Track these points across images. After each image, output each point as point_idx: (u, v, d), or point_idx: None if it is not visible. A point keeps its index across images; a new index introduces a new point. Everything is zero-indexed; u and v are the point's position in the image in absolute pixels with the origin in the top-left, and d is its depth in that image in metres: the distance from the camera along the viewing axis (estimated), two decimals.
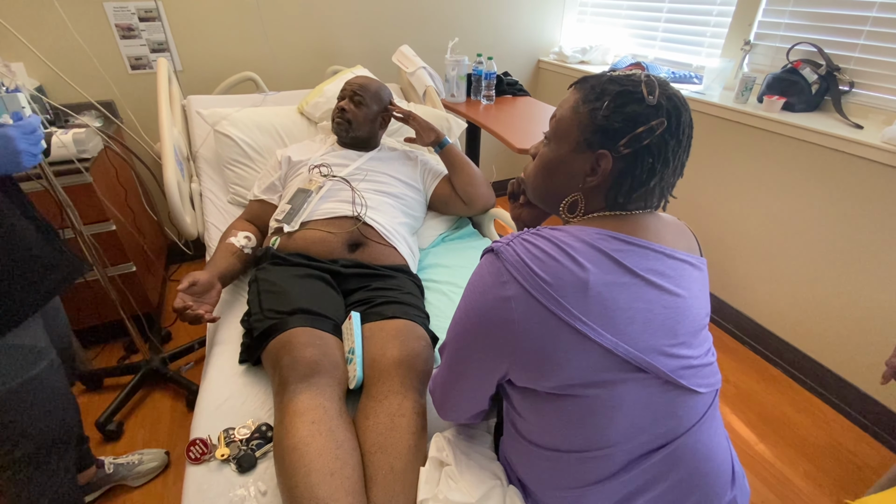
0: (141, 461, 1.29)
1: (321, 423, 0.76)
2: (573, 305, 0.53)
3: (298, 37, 2.02)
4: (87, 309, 1.59)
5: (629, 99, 0.57)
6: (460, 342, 0.63)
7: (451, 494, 0.68)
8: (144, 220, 1.86)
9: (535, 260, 0.55)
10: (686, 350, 0.58)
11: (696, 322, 0.60)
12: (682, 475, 0.59)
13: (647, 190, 0.60)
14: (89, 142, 1.43)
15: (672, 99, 0.58)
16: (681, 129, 0.58)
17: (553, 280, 0.54)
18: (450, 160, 1.40)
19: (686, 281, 0.60)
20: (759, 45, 1.72)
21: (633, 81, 0.58)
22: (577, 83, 0.64)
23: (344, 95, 1.38)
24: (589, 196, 0.63)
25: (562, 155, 0.63)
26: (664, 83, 0.59)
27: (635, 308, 0.55)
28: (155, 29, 1.79)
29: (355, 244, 1.19)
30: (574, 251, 0.55)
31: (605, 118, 0.58)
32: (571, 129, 0.61)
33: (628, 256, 0.57)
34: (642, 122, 0.57)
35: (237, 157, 1.51)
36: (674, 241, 0.63)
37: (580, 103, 0.61)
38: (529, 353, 0.56)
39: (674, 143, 0.58)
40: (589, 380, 0.55)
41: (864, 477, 1.35)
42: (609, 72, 0.62)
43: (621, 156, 0.58)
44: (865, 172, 1.36)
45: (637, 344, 0.55)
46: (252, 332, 0.98)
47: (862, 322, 1.45)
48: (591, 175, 0.61)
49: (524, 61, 2.58)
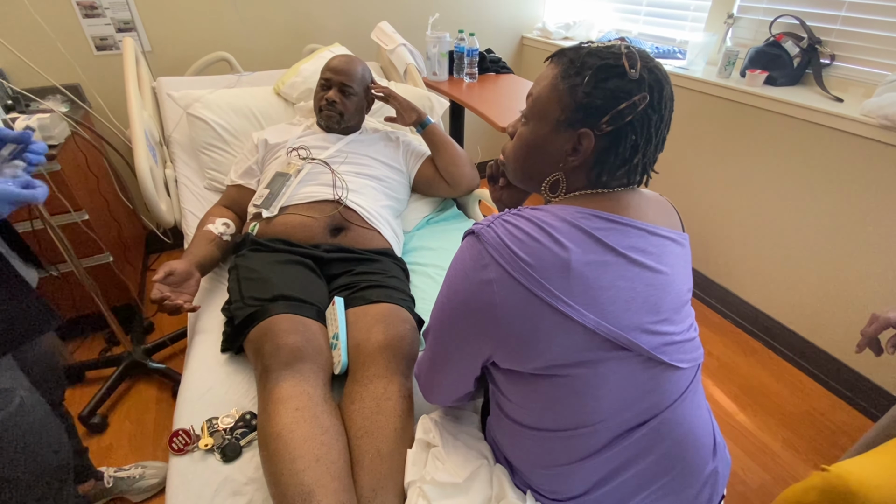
0: (142, 475, 1.23)
1: (305, 410, 0.76)
2: (555, 286, 0.53)
3: (273, 14, 1.95)
4: (64, 301, 1.55)
5: (611, 73, 0.55)
6: (443, 326, 0.63)
7: (438, 475, 0.69)
8: (120, 209, 1.81)
9: (516, 241, 0.55)
10: (668, 326, 0.58)
11: (678, 298, 0.60)
12: (666, 449, 0.60)
13: (629, 167, 0.59)
14: (55, 127, 1.37)
15: (654, 72, 0.56)
16: (662, 102, 0.57)
17: (534, 261, 0.53)
18: (432, 140, 1.38)
19: (668, 257, 0.60)
20: (742, 18, 1.70)
21: (613, 54, 0.56)
22: (554, 56, 0.61)
23: (330, 84, 1.30)
24: (570, 175, 0.61)
25: (541, 134, 0.61)
26: (645, 55, 0.58)
27: (618, 286, 0.55)
28: (120, 7, 1.70)
29: (337, 228, 1.17)
30: (555, 231, 0.55)
31: (586, 95, 0.56)
32: (551, 108, 0.59)
33: (610, 234, 0.56)
34: (624, 97, 0.55)
35: (212, 140, 1.46)
36: (656, 218, 0.63)
37: (559, 79, 0.58)
38: (512, 335, 0.55)
39: (656, 118, 0.57)
40: (572, 360, 0.55)
41: (840, 442, 1.40)
42: (587, 43, 0.60)
43: (603, 133, 0.57)
44: (845, 146, 1.37)
45: (619, 322, 0.54)
46: (233, 321, 0.96)
47: (839, 293, 1.48)
48: (573, 154, 0.59)
49: (507, 38, 2.53)
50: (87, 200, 1.49)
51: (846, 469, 0.76)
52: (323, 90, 1.31)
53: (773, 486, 1.28)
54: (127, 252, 1.79)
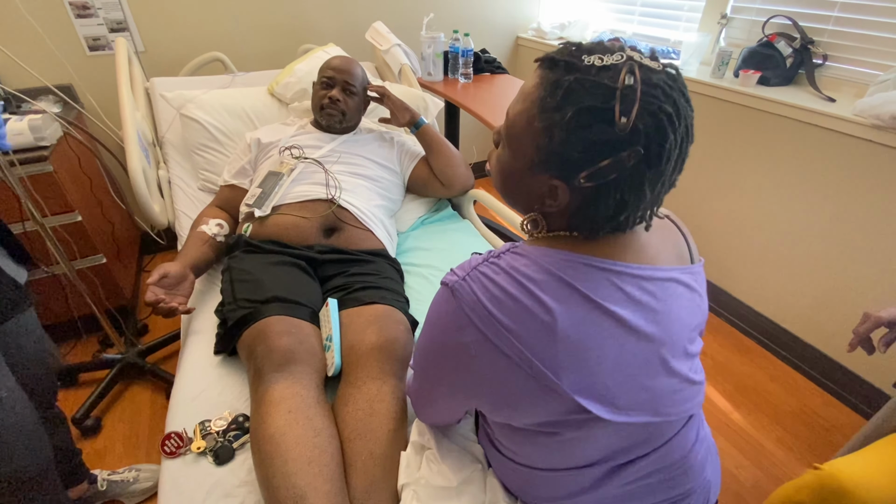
0: (136, 479, 1.22)
1: (298, 412, 0.76)
2: (538, 353, 0.48)
3: (267, 14, 1.94)
4: (57, 303, 1.54)
5: (595, 119, 0.44)
6: (426, 372, 0.61)
7: (432, 479, 0.69)
8: (113, 210, 1.80)
9: (495, 301, 0.49)
10: (662, 380, 0.54)
11: (675, 347, 0.54)
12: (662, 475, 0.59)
13: (616, 222, 0.50)
14: (47, 128, 1.36)
15: (656, 116, 0.44)
16: (664, 156, 0.45)
17: (516, 326, 0.48)
18: (426, 141, 1.38)
19: (671, 300, 0.54)
20: (735, 18, 1.71)
21: (605, 90, 0.44)
22: (543, 65, 0.49)
23: (333, 83, 1.30)
24: (549, 217, 0.54)
25: (516, 168, 0.53)
26: (655, 86, 0.44)
27: (607, 345, 0.50)
28: (112, 7, 1.69)
29: (331, 229, 1.17)
30: (537, 287, 0.49)
31: (561, 142, 0.46)
32: (524, 143, 0.50)
33: (599, 288, 0.50)
34: (607, 153, 0.45)
35: (205, 141, 1.46)
36: (658, 253, 0.55)
37: (536, 110, 0.48)
38: (495, 396, 0.53)
39: (652, 174, 0.46)
40: (560, 419, 0.52)
41: (833, 440, 1.40)
42: (584, 53, 0.46)
43: (581, 188, 0.48)
44: (838, 145, 1.38)
45: (607, 385, 0.50)
46: (226, 322, 0.95)
47: (832, 292, 1.49)
48: (550, 199, 0.51)
49: (502, 38, 2.53)
50: (79, 202, 1.48)
51: (838, 467, 0.77)
52: (325, 89, 1.30)
53: (766, 484, 1.28)
54: (120, 253, 1.78)
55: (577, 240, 0.53)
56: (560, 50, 0.48)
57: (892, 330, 0.80)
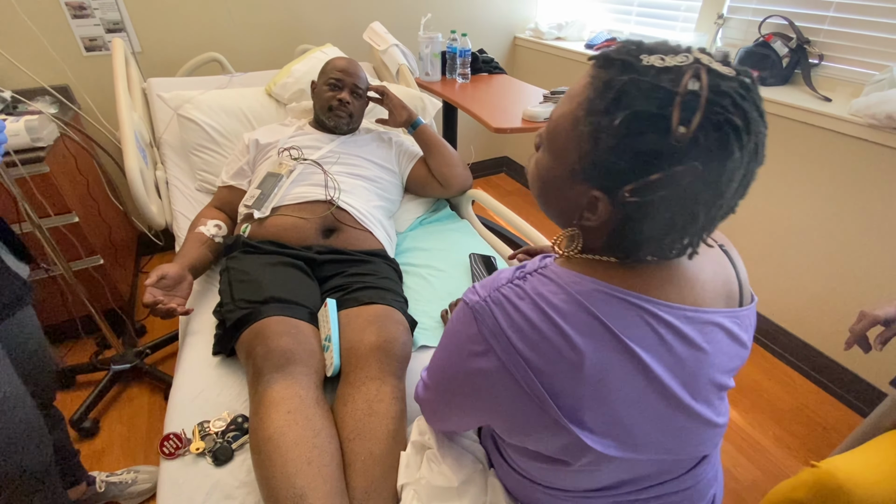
0: (135, 480, 1.21)
1: (297, 413, 0.76)
2: (558, 392, 0.45)
3: (265, 14, 1.94)
4: (54, 304, 1.53)
5: (649, 126, 0.39)
6: (440, 389, 0.58)
7: (433, 479, 0.69)
8: (111, 211, 1.79)
9: (518, 332, 0.45)
10: (683, 422, 0.50)
11: (701, 394, 0.50)
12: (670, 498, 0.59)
13: (660, 245, 0.45)
14: (43, 129, 1.36)
15: (721, 129, 0.38)
16: (725, 175, 0.40)
17: (539, 362, 0.45)
18: (424, 141, 1.38)
19: (706, 347, 0.49)
20: (732, 18, 1.71)
21: (664, 93, 0.38)
22: (596, 63, 0.44)
23: (342, 85, 1.30)
24: (587, 233, 0.49)
25: (555, 175, 0.48)
26: (723, 94, 0.38)
27: (630, 388, 0.46)
28: (109, 7, 1.69)
29: (329, 229, 1.17)
30: (563, 320, 0.45)
31: (609, 150, 0.41)
32: (568, 148, 0.45)
33: (632, 327, 0.45)
34: (659, 166, 0.39)
35: (203, 142, 1.45)
36: (704, 289, 0.50)
37: (584, 112, 0.43)
38: (509, 423, 0.51)
39: (709, 195, 0.41)
40: (574, 453, 0.49)
41: (830, 438, 1.41)
42: (644, 52, 0.41)
43: (625, 203, 0.42)
44: (834, 145, 1.38)
45: (625, 423, 0.47)
46: (224, 323, 0.95)
47: (828, 290, 1.50)
48: (589, 212, 0.46)
49: (500, 38, 2.53)
50: (76, 203, 1.48)
51: (835, 465, 0.77)
52: (333, 90, 1.30)
53: (764, 482, 1.29)
54: (118, 254, 1.77)
55: (613, 266, 0.48)
56: (618, 47, 0.43)
57: (888, 328, 0.81)
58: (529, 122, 1.50)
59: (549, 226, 2.47)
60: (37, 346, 0.93)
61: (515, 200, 2.72)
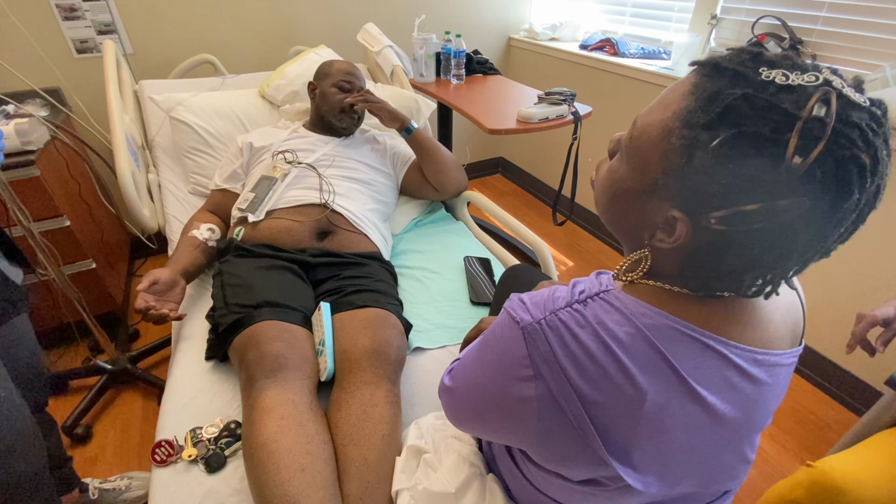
0: (129, 487, 1.19)
1: (290, 419, 0.75)
2: (610, 430, 0.42)
3: (258, 15, 1.93)
4: (47, 309, 1.52)
5: (757, 150, 0.34)
6: (471, 402, 0.52)
7: (430, 484, 0.68)
8: (103, 215, 1.77)
9: (574, 363, 0.41)
10: (726, 458, 0.49)
11: (751, 431, 0.48)
12: None
13: (739, 281, 0.41)
14: (34, 132, 1.34)
15: (844, 165, 0.33)
16: (836, 217, 0.35)
17: (593, 396, 0.41)
18: (418, 147, 1.36)
19: (768, 386, 0.47)
20: (725, 19, 1.72)
21: (780, 116, 0.34)
22: (702, 70, 0.39)
23: (351, 88, 1.30)
24: (657, 257, 0.44)
25: (630, 186, 0.43)
26: (853, 125, 0.33)
27: (684, 429, 0.43)
28: (100, 9, 1.67)
29: (324, 232, 1.16)
30: (629, 356, 0.41)
31: (703, 169, 0.36)
32: (652, 159, 0.40)
33: (699, 369, 0.41)
34: (760, 196, 0.35)
35: (196, 144, 1.44)
36: (776, 332, 0.46)
37: (679, 123, 0.38)
38: (544, 449, 0.47)
39: (811, 236, 0.36)
40: (606, 484, 0.47)
41: (827, 438, 1.41)
42: (764, 64, 0.36)
43: (707, 228, 0.38)
44: None
45: (668, 462, 0.44)
46: (217, 328, 0.94)
47: (825, 290, 1.50)
48: (664, 233, 0.41)
49: (494, 39, 2.53)
50: (68, 206, 1.46)
51: (832, 465, 0.77)
52: (344, 93, 1.30)
53: (760, 482, 1.29)
54: (111, 258, 1.76)
55: (684, 298, 0.43)
56: (731, 55, 0.38)
57: (888, 328, 0.81)
58: (524, 122, 1.49)
59: (546, 227, 2.46)
60: (30, 352, 0.92)
61: (511, 201, 2.72)
